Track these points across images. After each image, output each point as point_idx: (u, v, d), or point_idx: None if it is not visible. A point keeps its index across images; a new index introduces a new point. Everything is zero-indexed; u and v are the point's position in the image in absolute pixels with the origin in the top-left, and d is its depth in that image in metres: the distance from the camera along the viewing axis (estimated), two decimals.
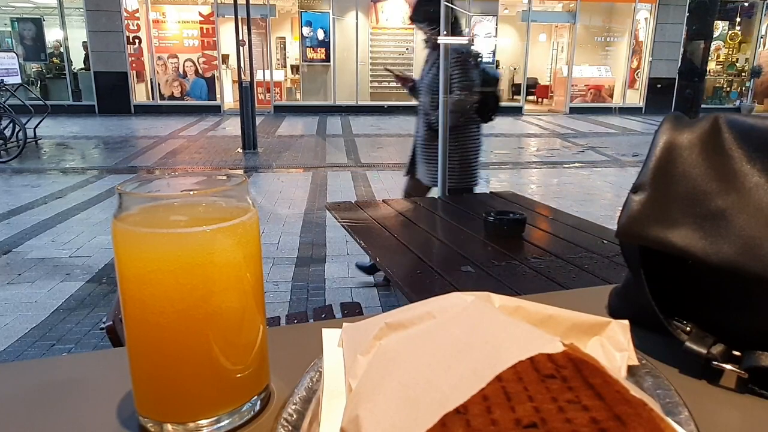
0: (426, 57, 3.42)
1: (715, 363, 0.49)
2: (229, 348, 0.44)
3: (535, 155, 9.72)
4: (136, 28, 13.90)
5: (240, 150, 9.10)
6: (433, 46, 3.31)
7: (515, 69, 16.99)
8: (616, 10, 16.06)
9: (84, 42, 14.00)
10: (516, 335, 0.33)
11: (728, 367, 0.48)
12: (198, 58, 14.50)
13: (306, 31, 14.77)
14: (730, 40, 16.42)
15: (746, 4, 16.31)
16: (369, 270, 3.88)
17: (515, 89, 16.89)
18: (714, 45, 14.95)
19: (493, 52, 15.40)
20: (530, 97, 17.20)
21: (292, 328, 0.68)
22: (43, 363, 0.59)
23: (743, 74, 16.62)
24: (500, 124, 13.61)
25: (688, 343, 0.50)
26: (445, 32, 3.29)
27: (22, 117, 8.69)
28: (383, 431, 0.29)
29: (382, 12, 15.07)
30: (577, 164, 8.60)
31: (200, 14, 14.24)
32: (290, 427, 0.40)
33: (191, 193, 0.49)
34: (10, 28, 13.98)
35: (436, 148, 3.32)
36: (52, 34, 14.39)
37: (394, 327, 0.41)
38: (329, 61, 14.99)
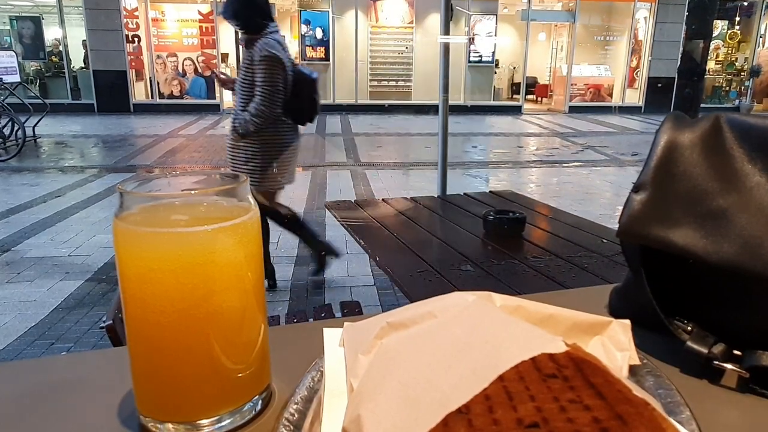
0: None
1: (716, 362, 0.49)
2: (230, 347, 0.44)
3: (534, 154, 9.72)
4: (135, 26, 13.89)
5: None
6: (245, 44, 3.13)
7: (515, 68, 17.00)
8: (615, 10, 16.06)
9: (83, 40, 13.99)
10: (517, 335, 0.33)
11: (729, 366, 0.48)
12: (197, 57, 14.48)
13: (305, 29, 14.76)
14: (729, 39, 16.43)
15: (745, 4, 16.31)
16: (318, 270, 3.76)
17: (515, 88, 16.90)
18: (713, 44, 14.95)
19: (493, 51, 15.42)
20: (529, 96, 17.21)
21: (293, 327, 0.68)
22: (43, 362, 0.59)
23: (742, 73, 16.63)
24: (499, 123, 13.63)
25: (689, 343, 0.50)
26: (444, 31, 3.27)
27: (21, 116, 8.68)
28: (385, 431, 0.29)
29: (381, 11, 15.06)
30: (576, 163, 8.60)
31: (199, 13, 14.22)
32: (292, 427, 0.40)
33: (192, 192, 0.49)
34: (9, 27, 13.95)
35: (242, 150, 3.18)
36: (51, 33, 14.37)
37: (396, 326, 0.41)
38: (329, 60, 14.99)
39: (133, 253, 0.42)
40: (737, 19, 16.48)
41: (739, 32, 16.48)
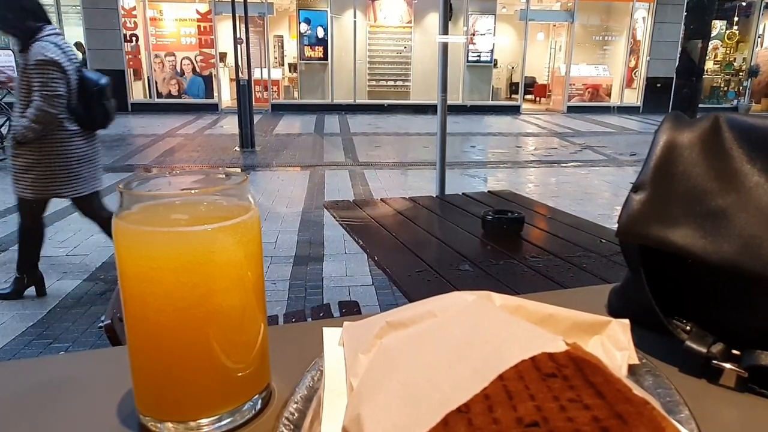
0: None
1: (715, 362, 0.49)
2: (230, 347, 0.44)
3: (533, 154, 9.73)
4: (133, 25, 13.87)
5: (238, 148, 9.08)
6: (20, 49, 3.05)
7: (513, 68, 17.01)
8: (614, 10, 16.07)
9: (75, 42, 13.94)
10: (517, 334, 0.33)
11: (728, 366, 0.49)
12: (195, 56, 14.46)
13: (304, 29, 14.75)
14: (727, 39, 16.45)
15: (744, 4, 16.33)
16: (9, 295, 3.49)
17: (513, 88, 16.91)
18: (712, 44, 14.98)
19: (492, 51, 15.42)
20: (528, 96, 17.23)
21: (292, 327, 0.67)
22: (41, 362, 0.59)
23: (741, 73, 16.66)
24: (498, 123, 13.64)
25: (688, 342, 0.50)
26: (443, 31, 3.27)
27: None
28: (385, 430, 0.29)
29: (380, 10, 15.06)
30: (574, 163, 8.61)
31: (197, 12, 14.20)
32: (292, 426, 0.40)
33: (192, 191, 0.49)
34: None
35: (22, 158, 3.07)
36: None
37: (395, 326, 0.41)
38: (327, 60, 14.98)
39: (133, 253, 0.42)
40: (735, 19, 16.50)
41: (737, 32, 16.50)
